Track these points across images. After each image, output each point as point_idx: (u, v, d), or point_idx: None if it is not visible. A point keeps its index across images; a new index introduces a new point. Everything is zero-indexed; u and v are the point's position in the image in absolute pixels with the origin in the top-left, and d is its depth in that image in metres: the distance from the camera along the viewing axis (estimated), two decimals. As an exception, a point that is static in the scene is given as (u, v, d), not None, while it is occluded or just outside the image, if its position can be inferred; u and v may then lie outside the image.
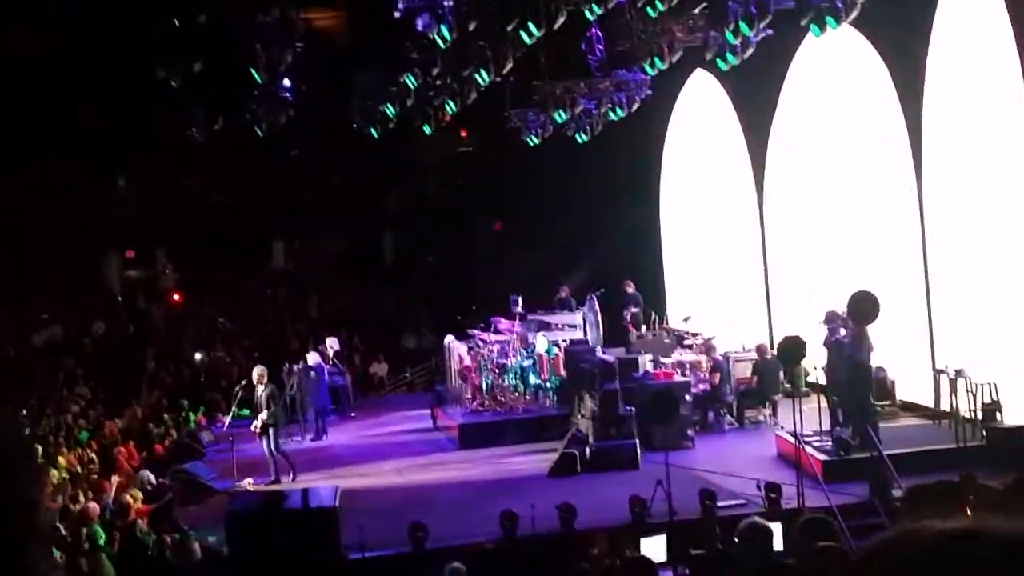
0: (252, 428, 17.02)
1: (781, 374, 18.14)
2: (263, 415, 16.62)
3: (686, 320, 22.32)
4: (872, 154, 18.92)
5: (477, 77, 19.58)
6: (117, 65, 26.03)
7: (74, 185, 30.88)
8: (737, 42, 17.24)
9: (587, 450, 16.28)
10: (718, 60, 18.42)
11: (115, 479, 16.55)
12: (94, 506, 13.77)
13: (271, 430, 16.66)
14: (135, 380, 26.38)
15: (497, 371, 19.68)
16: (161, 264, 34.22)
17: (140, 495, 15.39)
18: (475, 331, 21.48)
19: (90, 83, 29.02)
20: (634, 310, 23.23)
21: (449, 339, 22.43)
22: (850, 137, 19.58)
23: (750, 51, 17.61)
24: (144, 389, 25.75)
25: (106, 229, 31.26)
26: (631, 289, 23.66)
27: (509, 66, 19.42)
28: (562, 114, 21.78)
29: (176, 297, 32.16)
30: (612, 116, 22.11)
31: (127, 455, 18.74)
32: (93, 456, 18.71)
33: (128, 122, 29.88)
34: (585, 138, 23.44)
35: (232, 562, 12.58)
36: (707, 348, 19.10)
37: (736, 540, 6.21)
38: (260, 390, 16.87)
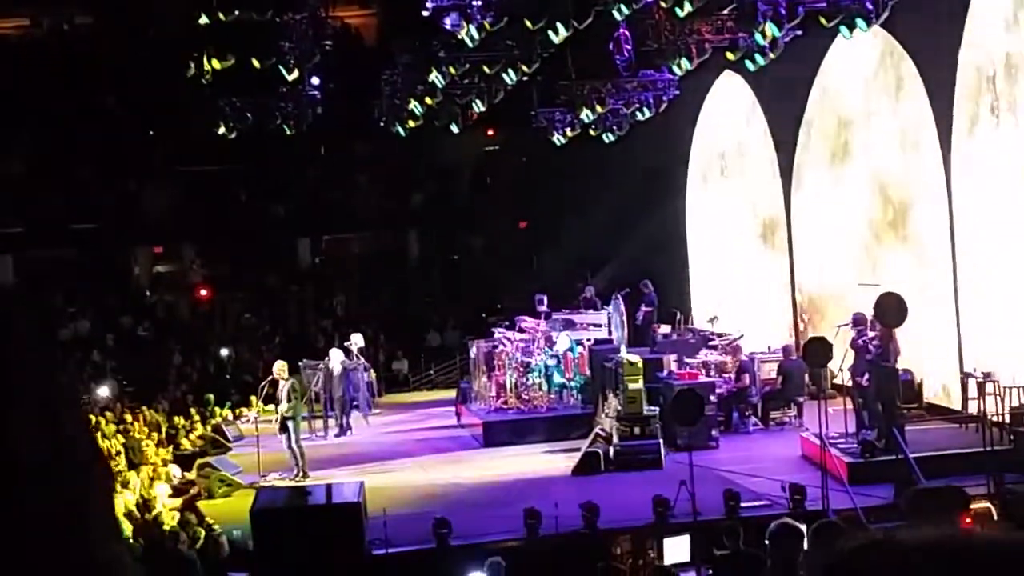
0: (273, 423, 17.12)
1: (807, 376, 18.08)
2: (282, 408, 16.71)
3: (712, 321, 22.28)
4: (901, 156, 18.84)
5: (504, 76, 19.63)
6: (148, 60, 26.21)
7: (103, 180, 31.11)
8: (765, 43, 17.21)
9: (611, 449, 16.28)
10: (746, 61, 18.39)
11: (142, 472, 16.67)
12: (119, 501, 13.88)
13: (291, 424, 16.73)
14: (161, 375, 26.56)
15: (522, 369, 19.71)
16: (189, 260, 34.43)
17: (167, 489, 15.50)
18: (500, 329, 21.52)
19: (120, 78, 29.23)
20: (646, 309, 23.17)
21: (474, 337, 22.48)
22: (878, 139, 19.50)
23: (778, 52, 17.57)
24: (170, 384, 25.92)
25: (135, 224, 31.46)
26: (647, 289, 23.64)
27: (536, 65, 19.47)
28: (589, 114, 21.80)
29: (204, 292, 32.34)
30: (639, 116, 22.10)
31: (154, 449, 18.88)
32: (120, 448, 18.85)
33: (157, 117, 30.09)
34: (612, 138, 23.45)
35: (257, 557, 12.66)
36: (734, 349, 19.05)
37: (767, 540, 6.20)
38: (281, 384, 16.95)
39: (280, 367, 17.26)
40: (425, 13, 16.80)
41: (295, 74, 19.29)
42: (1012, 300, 15.97)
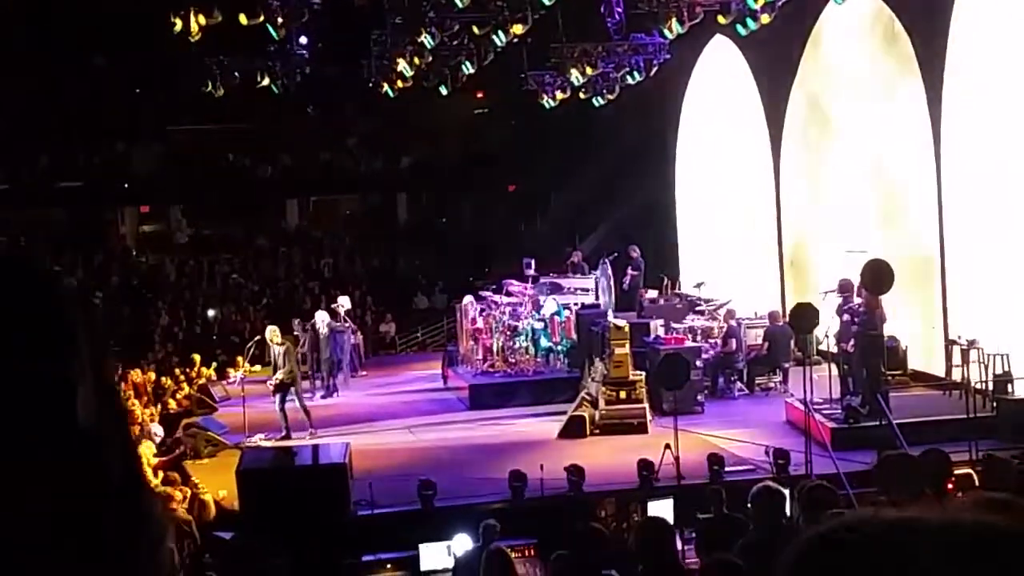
0: (268, 385, 17.04)
1: (792, 341, 18.13)
2: (280, 373, 16.60)
3: (698, 286, 22.30)
4: (890, 121, 18.80)
5: (494, 38, 19.49)
6: (135, 18, 25.95)
7: (89, 139, 30.92)
8: (757, 7, 17.12)
9: (597, 413, 16.33)
10: (737, 25, 18.29)
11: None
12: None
13: (292, 388, 16.69)
14: (147, 335, 26.52)
15: (508, 333, 19.72)
16: (175, 220, 34.31)
17: (152, 449, 15.50)
18: (487, 293, 21.50)
19: (107, 36, 28.98)
20: (633, 274, 23.19)
21: (462, 300, 22.46)
22: (868, 104, 19.45)
23: (771, 16, 17.47)
24: (156, 344, 25.89)
25: (121, 183, 31.32)
26: (635, 254, 23.65)
27: (527, 27, 19.33)
28: (579, 76, 21.68)
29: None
30: (630, 80, 22.00)
31: (140, 409, 18.86)
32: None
33: (144, 76, 29.88)
34: (602, 101, 23.34)
35: (243, 517, 12.68)
36: (729, 314, 19.04)
37: (749, 504, 6.23)
38: (275, 348, 16.89)
39: (272, 331, 17.19)
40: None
41: (283, 32, 19.13)
42: (998, 267, 16.01)
